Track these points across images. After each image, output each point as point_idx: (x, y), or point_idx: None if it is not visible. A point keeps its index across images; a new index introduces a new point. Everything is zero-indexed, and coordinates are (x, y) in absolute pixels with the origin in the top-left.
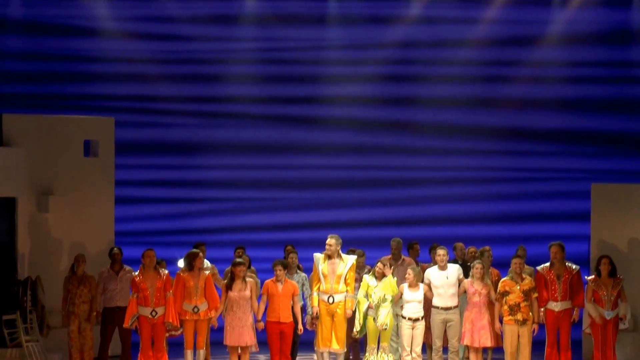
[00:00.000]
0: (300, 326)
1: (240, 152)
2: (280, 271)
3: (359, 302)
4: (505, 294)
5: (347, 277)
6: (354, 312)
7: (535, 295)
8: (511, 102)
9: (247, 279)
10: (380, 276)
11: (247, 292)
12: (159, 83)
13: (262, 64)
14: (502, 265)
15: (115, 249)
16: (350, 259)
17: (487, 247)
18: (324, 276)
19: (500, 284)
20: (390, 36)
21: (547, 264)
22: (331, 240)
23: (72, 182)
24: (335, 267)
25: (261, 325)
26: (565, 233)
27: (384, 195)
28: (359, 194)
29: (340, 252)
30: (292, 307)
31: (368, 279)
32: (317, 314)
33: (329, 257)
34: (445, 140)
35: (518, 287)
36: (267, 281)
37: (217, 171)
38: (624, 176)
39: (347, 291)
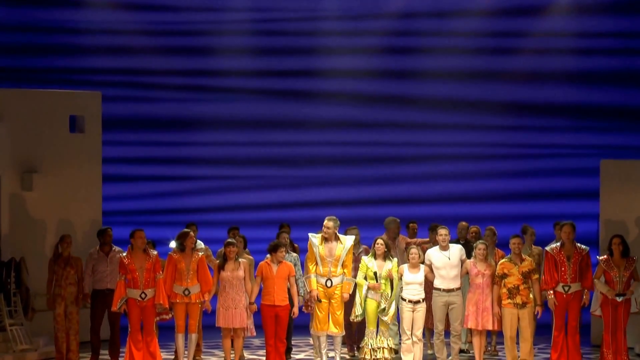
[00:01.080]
0: (295, 309)
1: (233, 128)
2: (282, 252)
3: (358, 285)
4: (503, 276)
5: (345, 260)
6: (351, 296)
7: (536, 277)
8: (516, 75)
9: (241, 260)
10: (381, 256)
11: (241, 273)
12: (148, 56)
13: (256, 36)
14: (506, 246)
15: (108, 229)
16: (349, 241)
17: (491, 227)
18: (322, 259)
19: (498, 266)
20: (390, 6)
21: (557, 244)
22: (329, 223)
23: (57, 159)
24: (333, 249)
25: (254, 307)
26: (574, 212)
27: (382, 172)
28: (357, 171)
29: (337, 233)
30: (289, 289)
31: (367, 260)
32: (317, 297)
33: (326, 239)
34: (447, 115)
35: (517, 269)
36: (262, 263)
37: (209, 148)
38: (635, 152)
39: (344, 274)
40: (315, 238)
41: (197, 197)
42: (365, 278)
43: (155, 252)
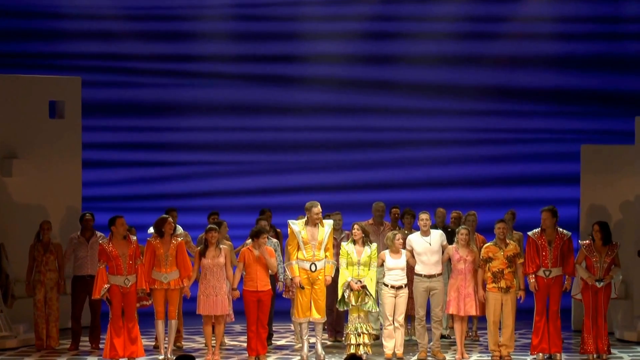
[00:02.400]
0: (280, 283)
1: (214, 113)
2: (264, 239)
3: (341, 275)
4: (488, 260)
5: (327, 243)
6: (334, 281)
7: (521, 261)
8: (498, 60)
9: (222, 246)
10: (359, 241)
11: (222, 259)
12: (129, 40)
13: (237, 21)
14: (488, 231)
15: (87, 214)
16: (328, 224)
17: (472, 212)
18: (305, 243)
19: (483, 250)
20: None
21: (538, 229)
22: (318, 208)
23: (37, 144)
24: (315, 233)
25: (237, 294)
26: (555, 197)
27: (364, 157)
28: (338, 157)
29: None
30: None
31: (347, 246)
32: (300, 284)
33: (307, 223)
34: (429, 101)
35: (502, 253)
36: (244, 249)
37: (190, 133)
38: (615, 137)
39: (326, 257)
40: (295, 224)
41: (177, 183)
42: (347, 265)
43: (134, 238)
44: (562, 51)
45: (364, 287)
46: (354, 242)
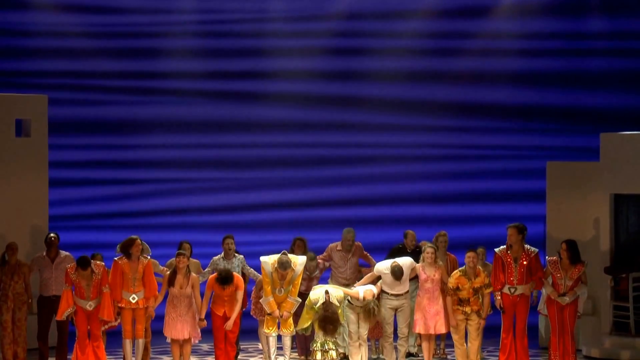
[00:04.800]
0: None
1: (180, 130)
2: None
3: (307, 310)
4: (456, 289)
5: (295, 281)
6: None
7: (488, 290)
8: (461, 76)
9: (192, 274)
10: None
11: (189, 290)
12: (94, 58)
13: (202, 38)
14: (454, 248)
15: (51, 234)
16: (300, 264)
17: (442, 232)
18: (275, 283)
19: (452, 279)
20: (335, 7)
21: (505, 246)
22: (288, 262)
23: (3, 163)
24: (285, 275)
25: (204, 324)
26: (520, 213)
27: (329, 174)
28: (304, 174)
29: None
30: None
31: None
32: (281, 314)
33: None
34: (393, 117)
35: (469, 284)
36: (211, 277)
37: (157, 151)
38: (579, 153)
39: (291, 292)
40: (267, 264)
41: (144, 200)
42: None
43: (102, 265)
44: (526, 67)
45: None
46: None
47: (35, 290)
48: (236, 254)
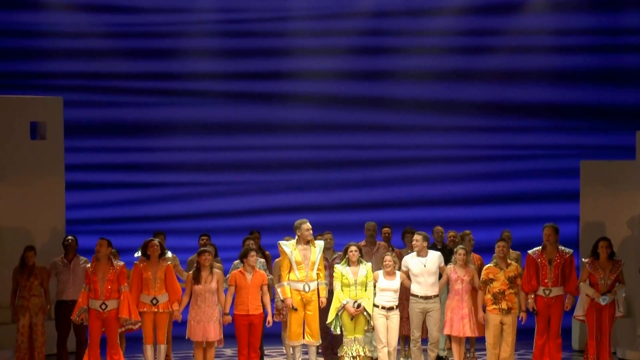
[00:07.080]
0: (269, 318)
1: (200, 132)
2: (252, 257)
3: (335, 297)
4: (488, 282)
5: (319, 264)
6: (328, 300)
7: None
8: (493, 74)
9: (215, 270)
10: (355, 262)
11: (214, 285)
12: (111, 59)
13: (222, 37)
14: (484, 250)
15: (69, 238)
16: (319, 244)
17: (467, 231)
18: (297, 264)
19: (483, 272)
20: (361, 5)
21: (539, 247)
22: (308, 225)
23: (19, 167)
24: (308, 253)
25: (228, 319)
26: (552, 214)
27: (356, 176)
28: (329, 176)
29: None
30: (261, 298)
31: (341, 268)
32: (292, 305)
33: (298, 242)
34: (422, 117)
35: (502, 274)
36: (235, 272)
37: (176, 153)
38: (614, 152)
39: (318, 277)
40: (286, 246)
41: (164, 205)
42: (342, 287)
43: (121, 263)
44: (559, 65)
45: (359, 306)
46: (348, 263)
47: (52, 297)
48: (259, 258)
